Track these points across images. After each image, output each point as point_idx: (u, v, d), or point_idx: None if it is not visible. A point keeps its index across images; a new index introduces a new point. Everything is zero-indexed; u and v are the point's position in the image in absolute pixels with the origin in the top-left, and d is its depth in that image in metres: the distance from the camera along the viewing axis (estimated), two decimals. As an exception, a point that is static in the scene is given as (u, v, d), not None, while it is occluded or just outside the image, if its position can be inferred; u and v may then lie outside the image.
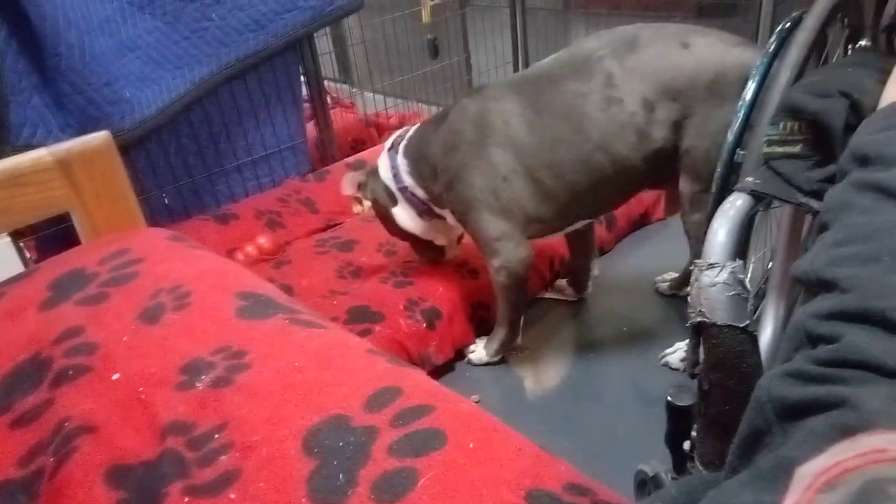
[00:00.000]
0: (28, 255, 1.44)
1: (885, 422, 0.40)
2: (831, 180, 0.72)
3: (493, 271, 1.29)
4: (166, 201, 1.69)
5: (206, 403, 0.61)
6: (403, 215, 1.41)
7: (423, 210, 1.38)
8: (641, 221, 1.83)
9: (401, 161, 1.36)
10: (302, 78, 1.98)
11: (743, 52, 1.14)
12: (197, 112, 1.70)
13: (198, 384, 0.63)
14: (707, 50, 1.15)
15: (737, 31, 2.07)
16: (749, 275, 1.18)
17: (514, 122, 1.20)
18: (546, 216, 1.26)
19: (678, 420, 0.81)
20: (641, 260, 1.69)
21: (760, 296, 1.19)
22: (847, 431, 0.41)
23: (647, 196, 1.78)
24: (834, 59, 1.20)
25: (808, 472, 0.22)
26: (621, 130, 1.15)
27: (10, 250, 1.24)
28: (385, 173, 1.38)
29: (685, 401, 0.81)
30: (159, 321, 0.72)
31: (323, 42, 2.89)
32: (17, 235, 1.34)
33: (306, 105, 2.08)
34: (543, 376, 1.36)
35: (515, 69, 2.50)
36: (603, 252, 1.74)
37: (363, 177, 1.43)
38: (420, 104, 2.70)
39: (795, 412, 0.44)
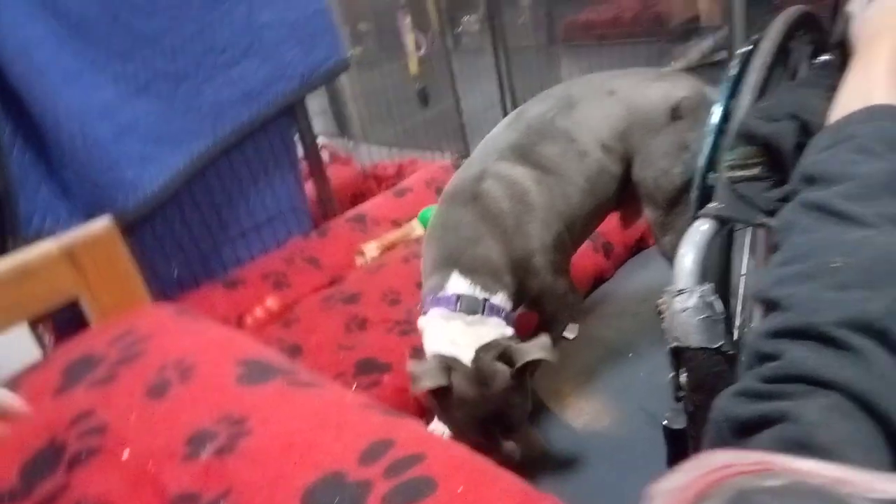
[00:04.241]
0: (47, 338, 1.50)
1: (822, 432, 0.42)
2: (789, 199, 0.76)
3: (555, 322, 1.34)
4: (175, 273, 1.75)
5: (210, 472, 0.64)
6: None
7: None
8: (638, 247, 1.86)
9: (504, 302, 1.18)
10: (296, 137, 2.05)
11: (662, 85, 1.27)
12: (198, 184, 1.77)
13: (202, 454, 0.66)
14: (630, 92, 1.27)
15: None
16: (742, 290, 1.20)
17: (538, 183, 1.25)
18: (567, 257, 1.35)
19: (675, 443, 0.83)
20: (641, 285, 1.71)
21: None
22: (790, 444, 0.44)
23: (642, 222, 1.82)
24: (799, 73, 1.25)
25: (661, 490, 0.25)
26: (599, 176, 1.27)
27: (28, 337, 1.30)
28: (503, 328, 1.16)
29: (680, 424, 0.83)
30: (165, 395, 0.76)
31: (322, 100, 3.00)
32: (34, 321, 1.39)
33: (303, 164, 2.15)
34: (550, 405, 1.38)
35: (503, 110, 2.57)
36: (603, 280, 1.76)
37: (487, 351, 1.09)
38: (416, 150, 2.77)
39: (747, 429, 0.46)
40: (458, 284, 1.16)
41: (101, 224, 1.01)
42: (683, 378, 0.74)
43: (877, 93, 0.71)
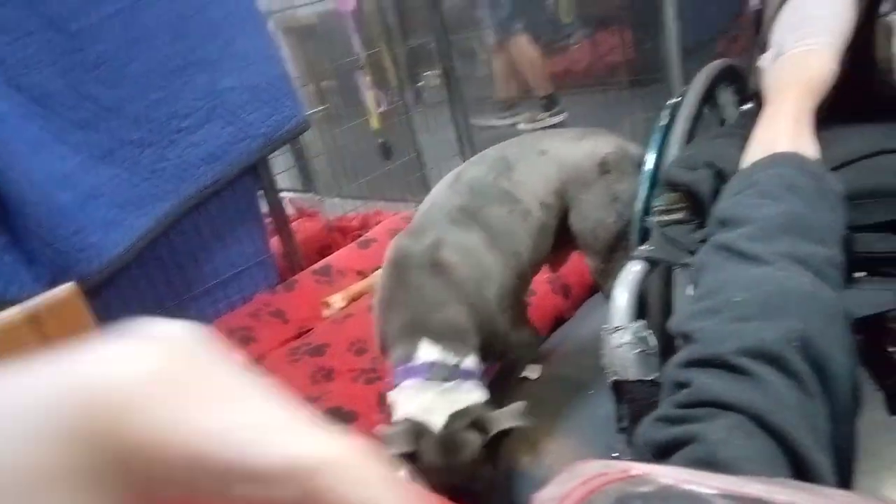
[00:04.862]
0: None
1: (724, 450, 0.47)
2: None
3: (517, 366, 1.40)
4: (141, 333, 1.75)
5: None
6: None
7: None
8: (596, 286, 1.92)
9: (474, 365, 1.17)
10: (260, 193, 2.09)
11: (587, 143, 1.35)
12: (163, 244, 1.79)
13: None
14: (560, 151, 1.35)
15: (657, 97, 2.26)
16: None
17: (492, 248, 1.27)
18: (523, 307, 1.42)
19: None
20: (601, 322, 1.76)
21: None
22: (698, 462, 0.48)
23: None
24: (728, 119, 1.34)
25: (541, 500, 0.29)
26: (541, 232, 1.32)
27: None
28: (477, 393, 1.15)
29: (630, 455, 0.87)
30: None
31: (288, 157, 3.06)
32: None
33: (269, 220, 2.19)
34: (516, 445, 1.41)
35: (463, 160, 2.65)
36: (563, 320, 1.82)
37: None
38: (380, 202, 2.84)
39: (665, 452, 0.51)
40: (428, 352, 1.13)
41: (65, 289, 1.03)
42: (625, 410, 0.78)
43: (780, 141, 0.79)
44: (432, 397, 1.10)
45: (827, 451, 0.51)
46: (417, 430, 1.06)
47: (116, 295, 1.70)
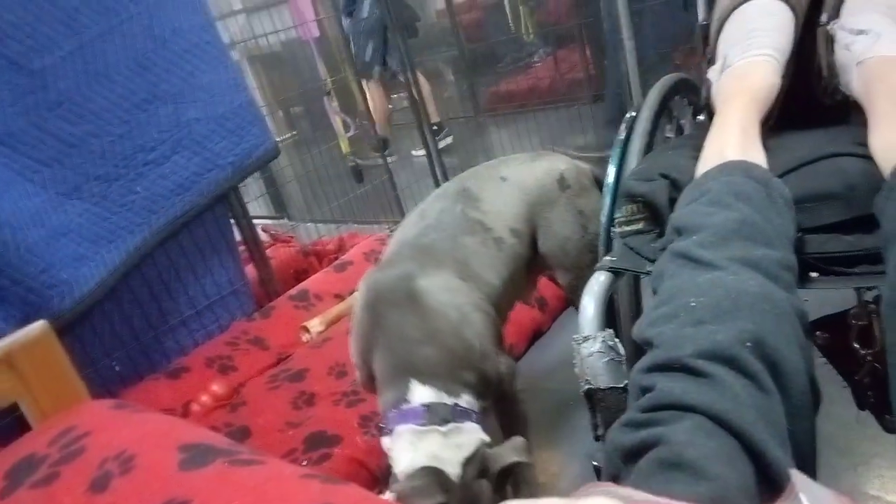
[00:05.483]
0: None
1: (689, 450, 0.50)
2: (668, 248, 0.85)
3: (513, 396, 1.28)
4: (117, 368, 1.74)
5: (155, 558, 0.66)
6: None
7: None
8: (570, 298, 1.95)
9: (471, 404, 1.11)
10: (232, 221, 2.09)
11: (541, 163, 1.38)
12: (135, 277, 1.78)
13: (147, 541, 0.68)
14: (520, 175, 1.36)
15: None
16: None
17: (466, 278, 1.22)
18: (502, 339, 1.35)
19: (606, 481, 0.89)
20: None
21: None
22: (665, 464, 0.51)
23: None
24: (685, 129, 1.38)
25: None
26: (515, 260, 1.30)
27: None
28: (479, 433, 1.09)
29: (606, 462, 0.89)
30: (107, 489, 0.78)
31: (259, 185, 3.07)
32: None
33: (243, 248, 2.18)
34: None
35: (434, 179, 2.68)
36: (541, 333, 1.84)
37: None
38: (355, 224, 2.85)
39: (633, 455, 0.53)
40: (422, 393, 1.07)
41: (37, 328, 1.03)
42: (599, 418, 0.80)
43: (728, 150, 0.83)
44: (438, 443, 1.03)
45: (786, 446, 0.53)
46: (441, 480, 0.99)
47: (90, 331, 1.68)
